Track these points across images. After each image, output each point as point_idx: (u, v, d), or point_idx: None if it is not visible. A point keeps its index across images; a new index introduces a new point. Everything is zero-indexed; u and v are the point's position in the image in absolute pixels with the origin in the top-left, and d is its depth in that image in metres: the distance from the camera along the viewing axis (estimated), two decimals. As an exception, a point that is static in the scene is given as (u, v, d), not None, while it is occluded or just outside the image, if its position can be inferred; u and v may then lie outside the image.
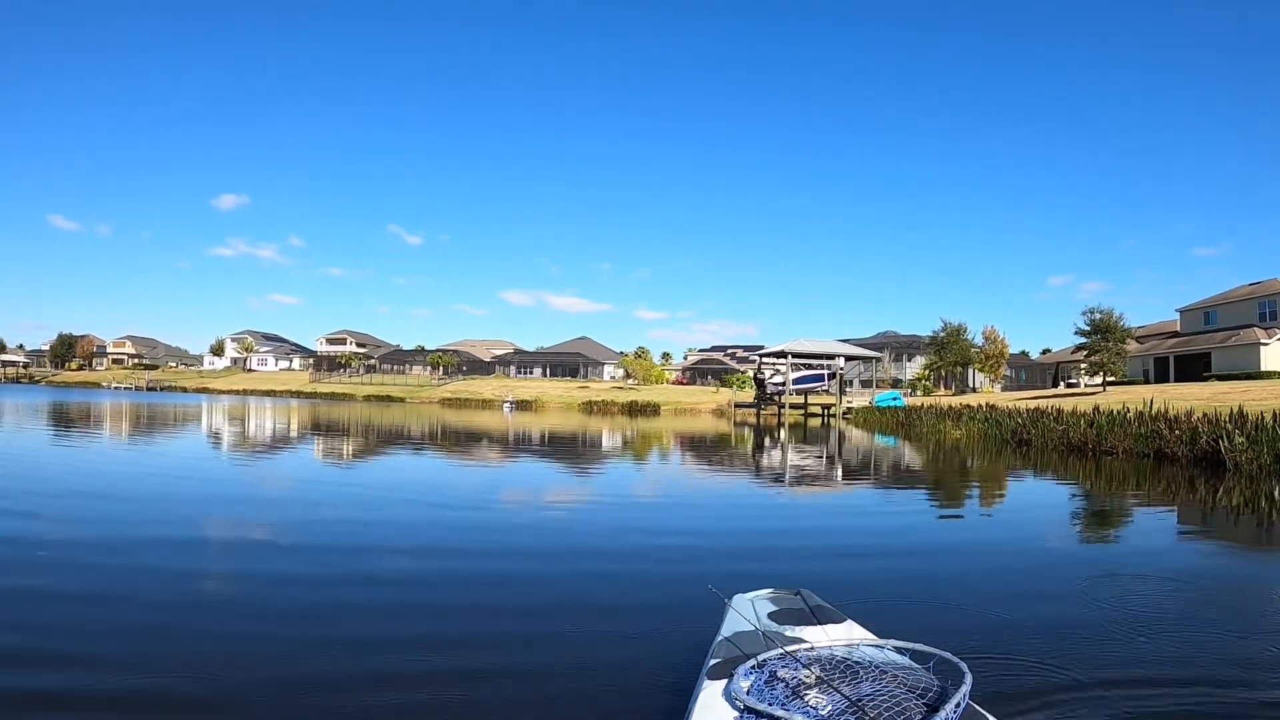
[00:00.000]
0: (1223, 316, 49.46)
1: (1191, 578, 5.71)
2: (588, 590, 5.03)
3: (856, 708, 2.08)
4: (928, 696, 2.21)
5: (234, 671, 3.40)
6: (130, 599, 4.51)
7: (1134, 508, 10.10)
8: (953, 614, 4.54)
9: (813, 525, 8.57)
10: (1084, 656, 3.64)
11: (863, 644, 2.69)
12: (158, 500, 8.63)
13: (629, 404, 60.99)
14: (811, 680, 2.30)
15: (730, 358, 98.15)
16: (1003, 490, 12.34)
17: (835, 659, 2.50)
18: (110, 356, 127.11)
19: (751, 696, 2.25)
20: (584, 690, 3.25)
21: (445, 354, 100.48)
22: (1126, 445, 17.06)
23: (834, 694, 2.18)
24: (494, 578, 5.37)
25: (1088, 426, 18.78)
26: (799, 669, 2.38)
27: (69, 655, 3.57)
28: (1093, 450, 17.80)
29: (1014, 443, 21.09)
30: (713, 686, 2.43)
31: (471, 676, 3.40)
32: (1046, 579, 5.75)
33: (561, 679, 3.38)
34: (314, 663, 3.57)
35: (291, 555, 5.97)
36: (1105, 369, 37.39)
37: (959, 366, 57.41)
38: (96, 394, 64.28)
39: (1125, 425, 17.80)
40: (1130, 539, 8.22)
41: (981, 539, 7.76)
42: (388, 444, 18.67)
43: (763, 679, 2.38)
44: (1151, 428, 16.75)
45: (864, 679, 2.32)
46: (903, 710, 2.09)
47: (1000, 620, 4.41)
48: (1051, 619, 4.42)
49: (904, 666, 2.48)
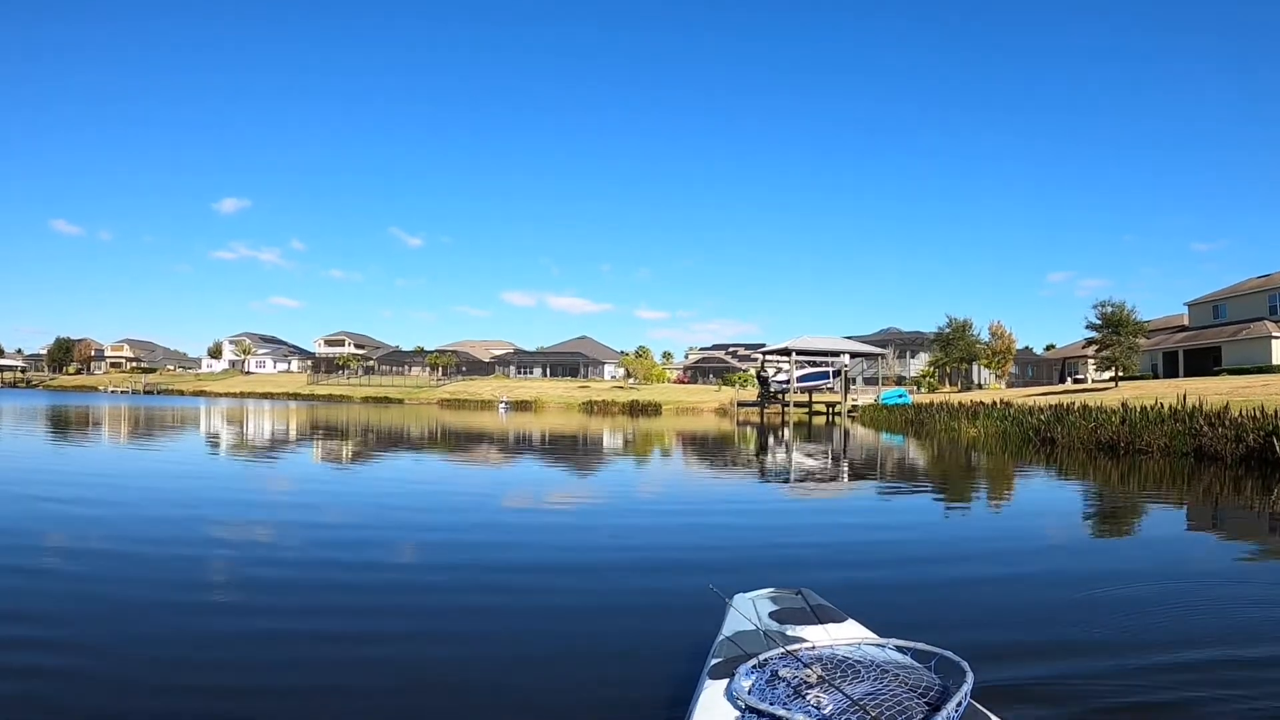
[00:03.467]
0: (1232, 310, 48.73)
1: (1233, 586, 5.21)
2: (587, 590, 4.97)
3: (858, 707, 2.04)
4: (929, 696, 2.17)
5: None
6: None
7: (1172, 508, 9.41)
8: (958, 613, 4.43)
9: (816, 525, 8.14)
10: (1086, 656, 3.54)
11: (864, 643, 2.65)
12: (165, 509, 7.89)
13: (630, 404, 60.28)
14: (813, 679, 2.27)
15: (732, 356, 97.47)
16: (1024, 491, 11.57)
17: (837, 658, 2.48)
18: (108, 360, 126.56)
19: (753, 696, 2.23)
20: (585, 689, 3.24)
21: (444, 355, 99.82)
22: (1163, 443, 16.03)
23: (836, 693, 2.16)
24: (493, 578, 5.32)
25: (1120, 424, 17.73)
26: (800, 668, 2.36)
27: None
28: (1125, 449, 16.75)
29: (1037, 441, 20.17)
30: (714, 686, 2.41)
31: (471, 676, 3.41)
32: (1060, 584, 5.31)
33: (561, 678, 3.37)
34: (311, 655, 3.67)
35: (285, 552, 5.46)
36: (1117, 364, 36.59)
37: (964, 363, 56.64)
38: (92, 398, 63.51)
39: (1160, 422, 16.82)
40: (1165, 543, 7.45)
41: (998, 542, 7.13)
42: (385, 446, 17.90)
43: (764, 678, 2.36)
44: (1190, 425, 15.74)
45: (865, 678, 2.30)
46: (905, 709, 2.06)
47: (1005, 619, 4.27)
48: (1062, 622, 4.22)
49: (905, 666, 2.44)
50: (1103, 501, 10.47)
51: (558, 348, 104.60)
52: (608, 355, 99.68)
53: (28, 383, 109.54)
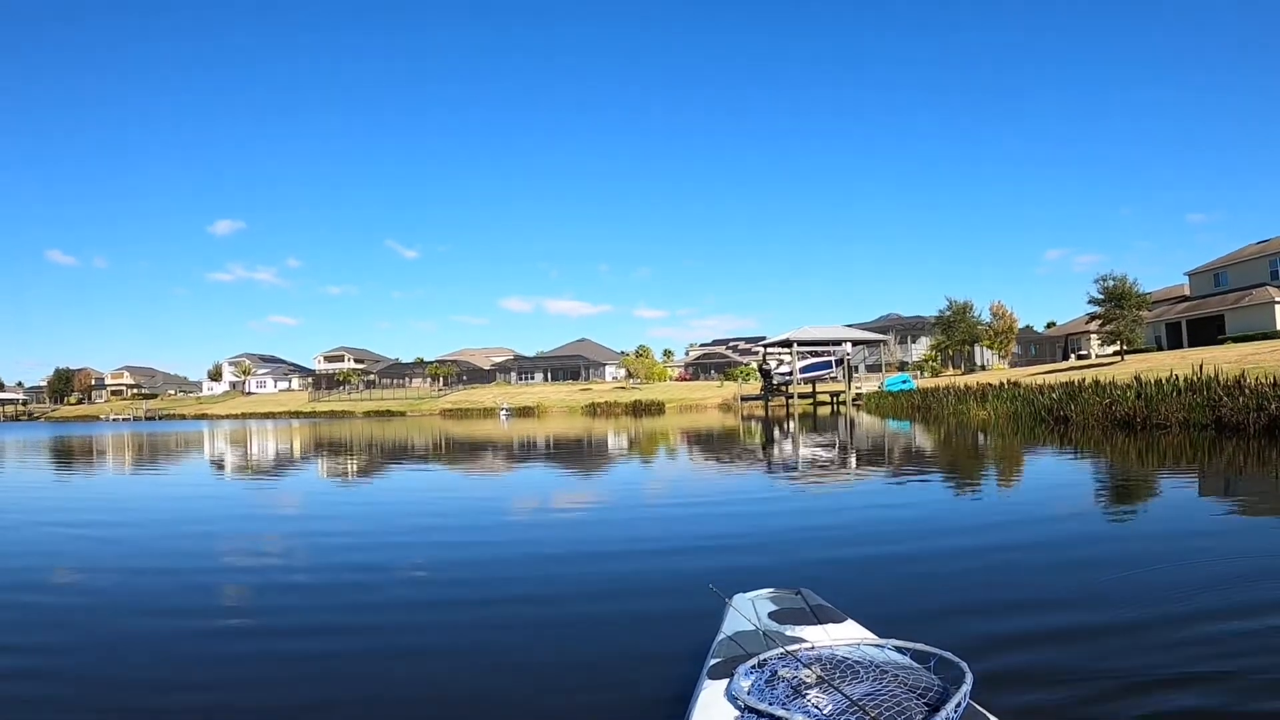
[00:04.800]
0: (1233, 277, 48.44)
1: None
2: (587, 590, 4.95)
3: (857, 707, 2.03)
4: (929, 696, 2.15)
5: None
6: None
7: (1189, 485, 9.08)
8: (963, 612, 4.22)
9: (821, 521, 7.81)
10: (1090, 657, 3.39)
11: (863, 643, 2.62)
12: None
13: (633, 404, 60.03)
14: (812, 680, 2.26)
15: (733, 350, 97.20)
16: (1037, 473, 11.23)
17: (836, 658, 2.46)
18: (109, 388, 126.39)
19: (752, 696, 2.22)
20: (584, 689, 3.22)
21: (444, 364, 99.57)
22: (1181, 417, 15.58)
23: (835, 693, 2.14)
24: (493, 578, 5.38)
25: (1135, 398, 17.28)
26: (800, 668, 2.35)
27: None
28: (1142, 424, 16.30)
29: (1050, 420, 19.76)
30: (713, 686, 2.40)
31: (471, 674, 3.44)
32: (1070, 571, 5.04)
33: (561, 678, 3.38)
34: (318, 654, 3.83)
35: (292, 570, 5.34)
36: (1122, 337, 36.33)
37: (967, 345, 56.36)
38: (92, 427, 63.21)
39: (1177, 394, 16.38)
40: (1183, 519, 7.10)
41: (1013, 531, 6.74)
42: (388, 460, 17.61)
43: (763, 678, 2.35)
44: (1208, 396, 15.28)
45: (865, 678, 2.29)
46: (904, 710, 2.04)
47: (1009, 620, 4.08)
48: (1068, 617, 4.00)
49: (905, 666, 2.42)
50: (1145, 482, 10.15)
51: (558, 351, 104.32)
52: (608, 356, 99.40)
53: (29, 415, 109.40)
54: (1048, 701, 2.87)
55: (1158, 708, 2.79)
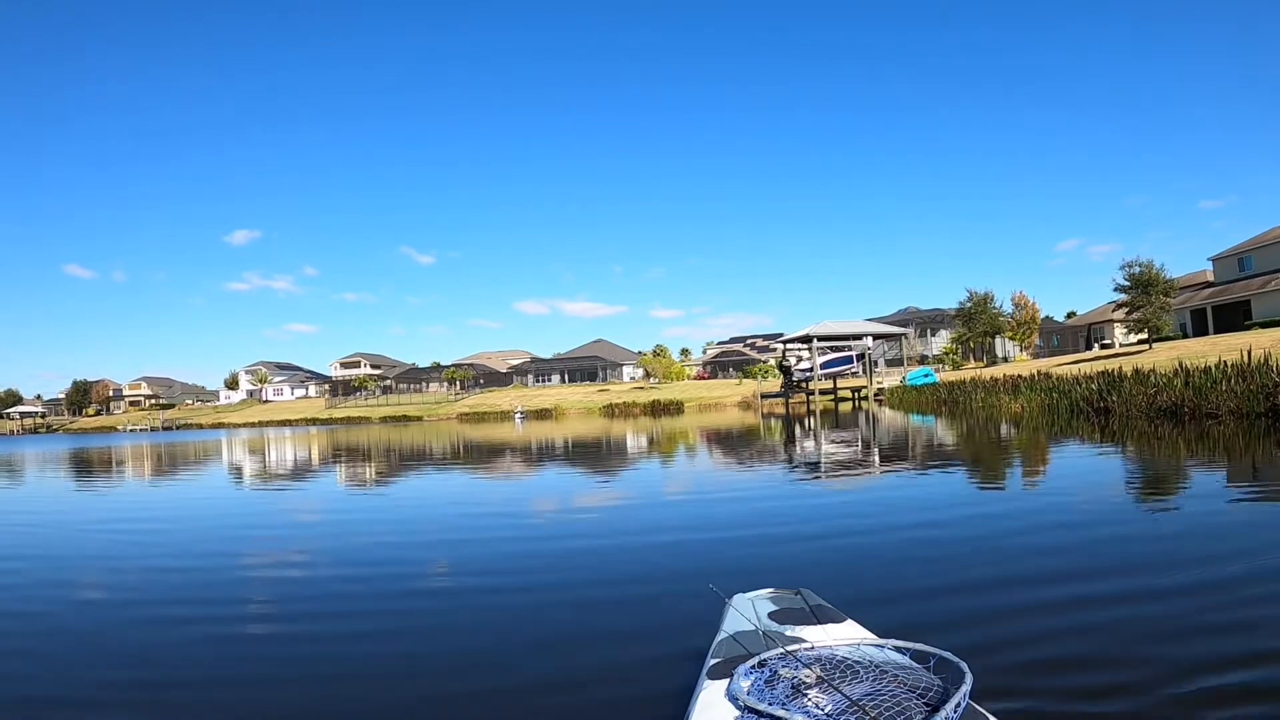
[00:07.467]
0: (1259, 261, 47.44)
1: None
2: (586, 590, 4.97)
3: (857, 707, 2.02)
4: (928, 696, 2.13)
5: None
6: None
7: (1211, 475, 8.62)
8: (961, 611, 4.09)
9: (826, 520, 7.52)
10: (1089, 658, 3.31)
11: (863, 644, 2.60)
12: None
13: (651, 404, 59.66)
14: (812, 680, 2.24)
15: (750, 348, 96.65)
16: (1069, 468, 10.61)
17: (836, 658, 2.45)
18: (127, 399, 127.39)
19: (752, 696, 2.21)
20: (583, 689, 3.23)
21: (461, 368, 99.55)
22: (1232, 405, 14.90)
23: (834, 693, 2.14)
24: (493, 578, 5.42)
25: (1184, 386, 16.60)
26: (799, 668, 2.34)
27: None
28: (1191, 414, 15.64)
29: (1090, 411, 19.13)
30: (713, 686, 2.40)
31: (471, 674, 3.45)
32: (1085, 567, 4.84)
33: (560, 678, 3.37)
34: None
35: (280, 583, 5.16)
36: (1149, 325, 35.55)
37: (988, 337, 55.56)
38: (111, 438, 63.48)
39: (1225, 381, 15.70)
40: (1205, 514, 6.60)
41: (1042, 534, 6.20)
42: (399, 466, 17.29)
43: (763, 678, 2.34)
44: (1262, 382, 14.56)
45: (864, 678, 2.27)
46: (903, 710, 2.03)
47: (1016, 619, 3.93)
48: (1076, 619, 3.83)
49: (904, 666, 2.40)
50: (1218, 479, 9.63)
51: (574, 353, 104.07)
52: (625, 357, 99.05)
53: (48, 428, 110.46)
54: (1050, 702, 2.79)
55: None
